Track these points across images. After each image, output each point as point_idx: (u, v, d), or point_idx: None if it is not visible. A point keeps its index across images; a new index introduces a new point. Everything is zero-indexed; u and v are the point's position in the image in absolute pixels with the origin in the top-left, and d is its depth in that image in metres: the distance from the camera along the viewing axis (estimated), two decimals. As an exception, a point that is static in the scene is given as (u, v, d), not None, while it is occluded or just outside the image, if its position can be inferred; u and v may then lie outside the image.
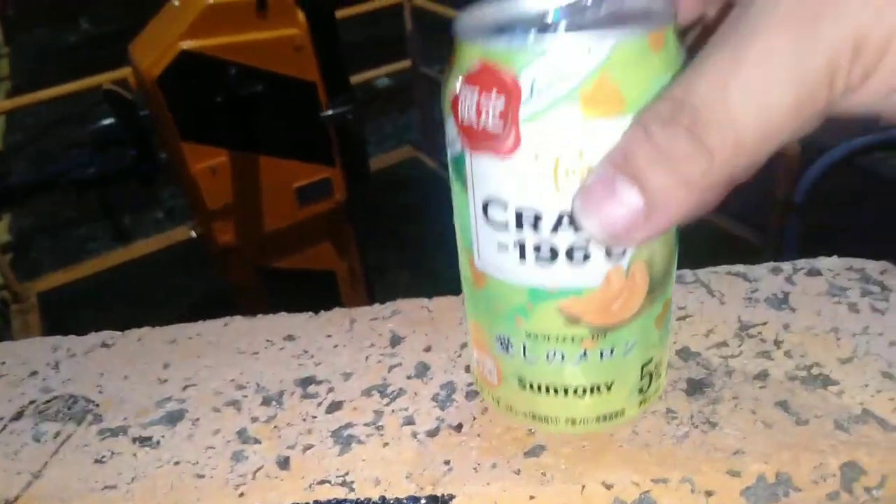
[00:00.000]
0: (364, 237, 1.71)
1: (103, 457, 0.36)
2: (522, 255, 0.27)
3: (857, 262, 0.42)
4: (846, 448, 0.31)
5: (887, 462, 0.30)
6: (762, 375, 0.35)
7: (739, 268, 0.43)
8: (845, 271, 0.42)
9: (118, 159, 1.69)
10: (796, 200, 1.59)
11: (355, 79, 1.58)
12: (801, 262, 0.43)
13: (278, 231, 1.60)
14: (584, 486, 0.31)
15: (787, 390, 0.34)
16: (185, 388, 0.40)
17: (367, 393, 0.38)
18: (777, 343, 0.37)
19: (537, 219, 0.26)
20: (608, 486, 0.31)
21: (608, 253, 0.26)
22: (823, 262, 0.43)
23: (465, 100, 0.25)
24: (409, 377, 0.38)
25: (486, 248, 0.28)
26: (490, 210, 0.27)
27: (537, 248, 0.26)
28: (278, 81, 1.45)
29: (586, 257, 0.26)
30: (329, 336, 0.42)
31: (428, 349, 0.40)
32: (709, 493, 0.31)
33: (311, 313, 0.44)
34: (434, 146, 2.76)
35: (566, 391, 0.30)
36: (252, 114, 1.46)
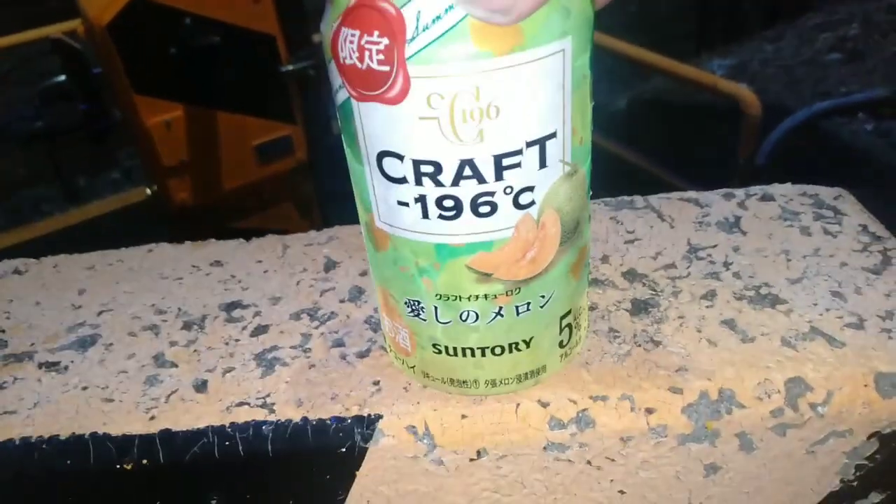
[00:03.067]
0: (327, 197, 1.68)
1: (4, 382, 0.33)
2: (425, 211, 0.24)
3: (811, 189, 0.41)
4: (792, 364, 0.30)
5: (833, 378, 0.29)
6: (709, 295, 0.34)
7: (691, 194, 0.42)
8: (799, 196, 0.40)
9: (67, 114, 1.62)
10: (758, 163, 1.59)
11: (318, 35, 1.53)
12: (755, 189, 0.41)
13: (238, 190, 1.55)
14: (518, 405, 0.29)
15: (734, 309, 0.33)
16: (100, 313, 0.37)
17: (295, 316, 0.35)
18: (726, 265, 0.36)
19: (437, 170, 0.23)
20: (544, 405, 0.29)
21: (516, 202, 0.24)
22: (777, 189, 0.41)
23: (344, 41, 0.21)
24: (341, 301, 0.36)
25: (386, 206, 0.25)
26: (385, 164, 0.23)
27: (440, 203, 0.23)
28: (236, 33, 1.40)
29: (493, 208, 0.24)
30: (259, 262, 0.40)
31: (364, 273, 0.38)
32: (649, 411, 0.29)
33: (241, 240, 0.42)
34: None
35: (483, 352, 0.27)
36: (208, 67, 1.41)
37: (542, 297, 0.26)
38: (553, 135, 0.23)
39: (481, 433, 0.29)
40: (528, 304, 0.26)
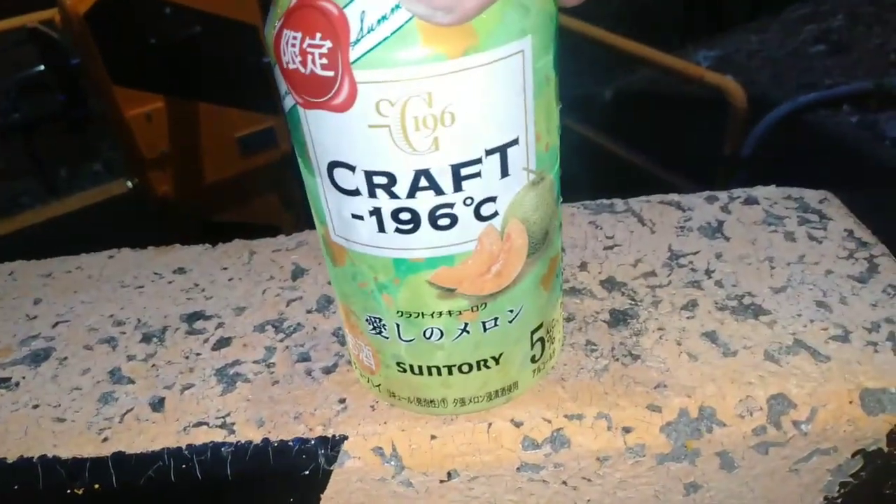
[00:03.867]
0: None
1: (-49, 400, 0.31)
2: (381, 224, 0.22)
3: (796, 191, 0.40)
4: (775, 379, 0.28)
5: (817, 395, 0.28)
6: (690, 305, 0.32)
7: (673, 196, 0.40)
8: (783, 200, 0.39)
9: (45, 104, 1.59)
10: (743, 154, 1.58)
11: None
12: (738, 191, 0.40)
13: (219, 183, 1.53)
14: (490, 424, 0.28)
15: (716, 320, 0.31)
16: (55, 325, 0.35)
17: (260, 328, 0.34)
18: (708, 272, 0.34)
19: (391, 182, 0.21)
20: (517, 424, 0.28)
21: (477, 213, 0.22)
22: (761, 191, 0.40)
23: (286, 44, 0.20)
24: (308, 311, 0.35)
25: (340, 219, 0.23)
26: (336, 175, 0.22)
27: (396, 216, 0.22)
28: (217, 23, 1.37)
29: (453, 221, 0.22)
30: (224, 269, 0.38)
31: (333, 282, 0.36)
32: (627, 430, 0.28)
33: (207, 245, 0.40)
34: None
35: (450, 370, 0.26)
36: (189, 57, 1.38)
37: (511, 311, 0.25)
38: (515, 142, 0.21)
39: (452, 454, 0.28)
40: (496, 319, 0.25)
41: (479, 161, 0.21)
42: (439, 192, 0.21)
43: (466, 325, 0.25)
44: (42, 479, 0.28)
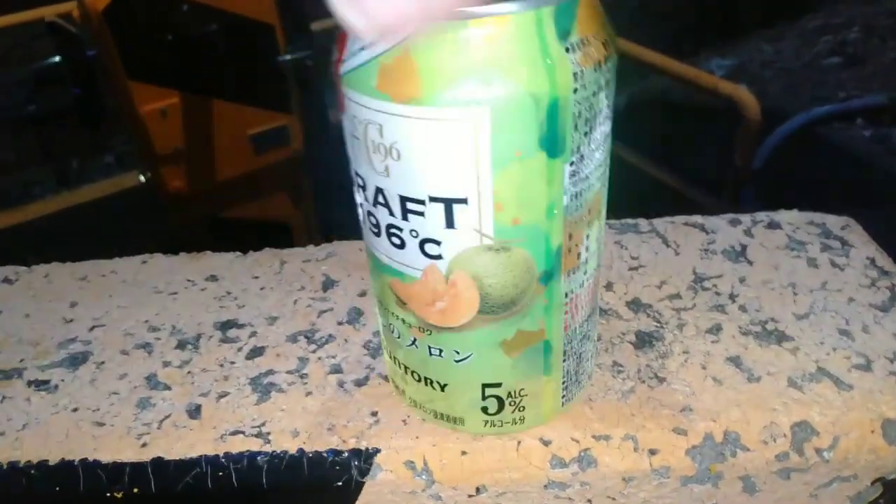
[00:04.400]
0: (323, 190, 1.66)
1: (-8, 401, 0.32)
2: (363, 219, 0.25)
3: (818, 217, 0.40)
4: (798, 407, 0.29)
5: (840, 423, 0.29)
6: (715, 329, 0.33)
7: (697, 218, 0.41)
8: (805, 225, 0.40)
9: (60, 98, 1.60)
10: (755, 166, 1.59)
11: (317, 24, 1.51)
12: (761, 215, 0.41)
13: (232, 180, 1.54)
14: (520, 442, 0.29)
15: (740, 345, 0.32)
16: (92, 328, 0.36)
17: (292, 339, 0.35)
18: (732, 297, 0.35)
19: (363, 187, 0.23)
20: (546, 443, 0.29)
21: (422, 249, 0.23)
22: (783, 216, 0.41)
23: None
24: (339, 323, 0.35)
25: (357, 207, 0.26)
26: (350, 167, 0.24)
27: (368, 216, 0.24)
28: (234, 21, 1.38)
29: (402, 243, 0.23)
30: (256, 277, 0.39)
31: (363, 294, 0.37)
32: (653, 452, 0.28)
33: (238, 253, 0.41)
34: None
35: (406, 369, 0.28)
36: (205, 55, 1.39)
37: (457, 353, 0.25)
38: (463, 200, 0.21)
39: (481, 470, 0.29)
40: (441, 351, 0.26)
41: (423, 202, 0.22)
42: (391, 213, 0.23)
43: (415, 340, 0.26)
44: (83, 482, 0.29)
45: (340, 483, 0.29)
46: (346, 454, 0.29)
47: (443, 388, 0.27)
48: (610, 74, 0.22)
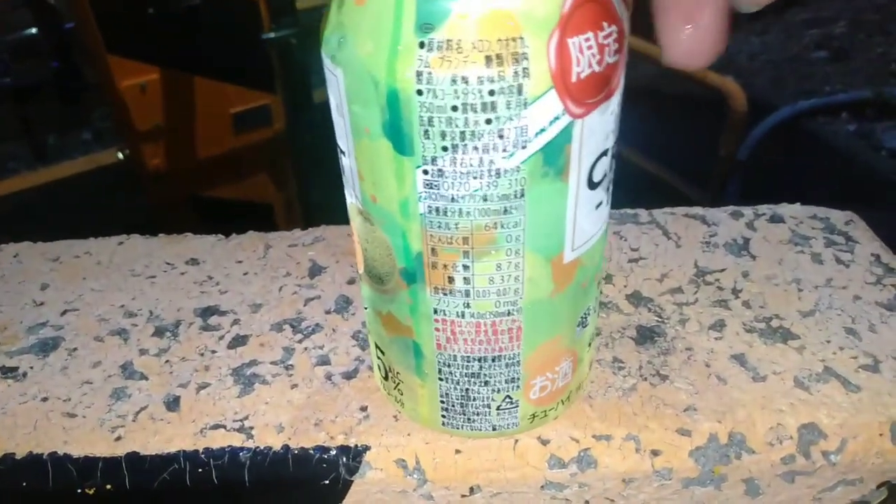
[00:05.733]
0: (305, 170, 1.63)
1: (-45, 389, 0.30)
2: None
3: (822, 211, 0.39)
4: (805, 408, 0.28)
5: (848, 426, 0.28)
6: (718, 325, 0.32)
7: (698, 210, 0.40)
8: (809, 219, 0.39)
9: (38, 71, 1.56)
10: (740, 157, 1.58)
11: (302, 2, 1.48)
12: (763, 208, 0.40)
13: (212, 158, 1.51)
14: (517, 441, 0.27)
15: (744, 343, 0.31)
16: (64, 312, 0.34)
17: (277, 327, 0.33)
18: (735, 292, 0.34)
19: None
20: (544, 442, 0.27)
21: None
22: (786, 209, 0.40)
23: (579, 52, 0.20)
24: (327, 312, 0.34)
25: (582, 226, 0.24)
26: (595, 170, 0.22)
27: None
28: (217, -3, 1.34)
29: None
30: (239, 262, 0.37)
31: (351, 282, 0.35)
32: (655, 453, 0.27)
33: (220, 235, 0.39)
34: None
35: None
36: (187, 30, 1.36)
37: (364, 302, 0.27)
38: (343, 153, 0.22)
39: (475, 469, 0.27)
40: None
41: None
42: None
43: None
44: (52, 477, 0.27)
45: (327, 481, 0.27)
46: (334, 451, 0.27)
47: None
48: (497, 99, 0.18)
